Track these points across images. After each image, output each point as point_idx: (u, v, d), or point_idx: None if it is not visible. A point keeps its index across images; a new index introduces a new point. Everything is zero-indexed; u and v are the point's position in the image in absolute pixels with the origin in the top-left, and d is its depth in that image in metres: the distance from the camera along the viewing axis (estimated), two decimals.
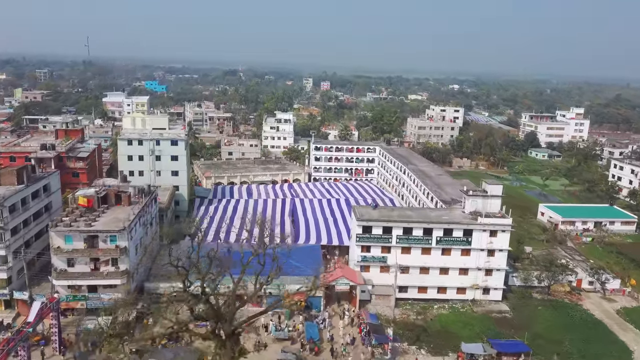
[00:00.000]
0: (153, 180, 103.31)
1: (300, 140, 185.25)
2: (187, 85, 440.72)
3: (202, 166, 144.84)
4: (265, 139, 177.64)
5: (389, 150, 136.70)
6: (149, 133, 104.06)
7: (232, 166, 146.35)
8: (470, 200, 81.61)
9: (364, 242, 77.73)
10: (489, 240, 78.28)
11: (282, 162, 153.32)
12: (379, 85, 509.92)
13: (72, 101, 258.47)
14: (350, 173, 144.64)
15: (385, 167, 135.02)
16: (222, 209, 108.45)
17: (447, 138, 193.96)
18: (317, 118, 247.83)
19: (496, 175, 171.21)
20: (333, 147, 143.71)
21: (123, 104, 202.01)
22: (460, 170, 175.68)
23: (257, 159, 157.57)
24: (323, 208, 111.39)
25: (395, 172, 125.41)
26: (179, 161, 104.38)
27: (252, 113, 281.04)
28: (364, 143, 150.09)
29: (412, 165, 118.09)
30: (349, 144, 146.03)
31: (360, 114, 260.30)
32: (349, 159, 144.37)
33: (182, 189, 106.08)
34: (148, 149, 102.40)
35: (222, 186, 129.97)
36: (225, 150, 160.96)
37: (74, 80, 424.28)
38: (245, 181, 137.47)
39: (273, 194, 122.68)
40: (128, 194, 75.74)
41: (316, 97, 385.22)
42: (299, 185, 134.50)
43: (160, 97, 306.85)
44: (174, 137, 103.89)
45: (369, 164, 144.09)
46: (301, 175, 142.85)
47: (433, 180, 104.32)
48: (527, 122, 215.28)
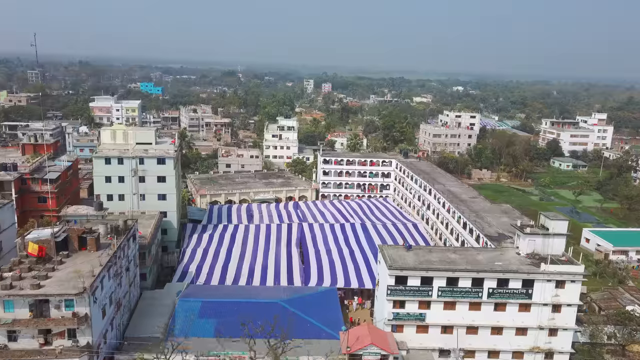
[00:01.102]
0: (136, 205, 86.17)
1: (305, 150, 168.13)
2: (184, 87, 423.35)
3: (197, 181, 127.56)
4: (266, 148, 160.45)
5: (408, 164, 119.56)
6: (131, 149, 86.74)
7: (230, 181, 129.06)
8: (527, 240, 64.64)
9: (397, 295, 60.57)
10: (554, 293, 61.19)
11: (286, 176, 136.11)
12: (381, 87, 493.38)
13: (60, 105, 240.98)
14: (363, 189, 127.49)
15: (404, 183, 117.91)
16: (218, 238, 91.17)
17: (464, 147, 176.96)
18: (321, 123, 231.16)
19: (521, 189, 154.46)
20: (344, 160, 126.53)
21: (112, 109, 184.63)
22: (481, 183, 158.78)
23: (258, 171, 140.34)
24: (336, 236, 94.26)
25: (417, 190, 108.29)
26: (167, 183, 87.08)
27: (252, 117, 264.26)
28: (377, 155, 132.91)
29: (439, 184, 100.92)
30: (362, 157, 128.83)
31: (367, 119, 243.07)
32: (362, 174, 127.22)
33: (171, 215, 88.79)
34: (130, 168, 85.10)
35: (219, 206, 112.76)
36: (222, 162, 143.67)
37: (67, 81, 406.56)
38: (245, 199, 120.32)
39: (277, 217, 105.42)
40: (95, 235, 58.38)
41: (318, 100, 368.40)
42: (306, 204, 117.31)
43: (155, 100, 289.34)
44: (161, 155, 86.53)
45: (384, 179, 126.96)
46: (308, 192, 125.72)
47: (468, 206, 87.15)
48: (548, 128, 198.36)
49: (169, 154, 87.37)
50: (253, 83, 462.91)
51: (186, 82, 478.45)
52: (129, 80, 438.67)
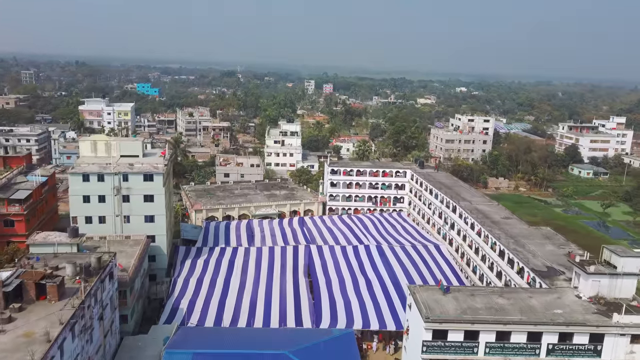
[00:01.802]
0: (119, 228, 74.05)
1: (310, 157, 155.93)
2: (182, 88, 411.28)
3: (192, 193, 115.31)
4: (268, 155, 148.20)
5: (425, 176, 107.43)
6: (114, 164, 74.51)
7: (229, 193, 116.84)
8: (590, 281, 52.57)
9: (435, 352, 48.49)
10: (628, 349, 49.18)
11: (290, 187, 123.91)
12: (383, 88, 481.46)
13: (51, 107, 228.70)
14: (374, 202, 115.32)
15: (421, 197, 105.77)
16: (214, 265, 78.92)
17: (479, 153, 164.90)
18: (325, 126, 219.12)
19: (542, 200, 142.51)
20: (353, 171, 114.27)
21: (103, 113, 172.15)
22: (498, 192, 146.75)
23: (259, 182, 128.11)
24: (349, 261, 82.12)
25: (438, 206, 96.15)
26: (155, 202, 74.82)
27: (252, 119, 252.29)
28: (390, 165, 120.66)
29: (465, 201, 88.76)
30: (373, 167, 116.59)
31: (372, 122, 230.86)
32: (373, 185, 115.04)
33: (160, 240, 76.49)
34: (112, 186, 72.86)
35: (216, 223, 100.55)
36: (220, 172, 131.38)
37: (63, 82, 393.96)
38: (245, 214, 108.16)
39: (281, 236, 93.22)
40: (58, 282, 46.10)
41: (320, 101, 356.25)
42: (312, 220, 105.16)
43: (151, 101, 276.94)
44: (148, 170, 74.27)
45: (397, 192, 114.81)
46: (314, 205, 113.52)
47: (503, 230, 75.01)
48: (565, 133, 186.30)
49: (158, 168, 75.10)
50: (253, 84, 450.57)
51: (185, 83, 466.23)
52: (126, 81, 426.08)
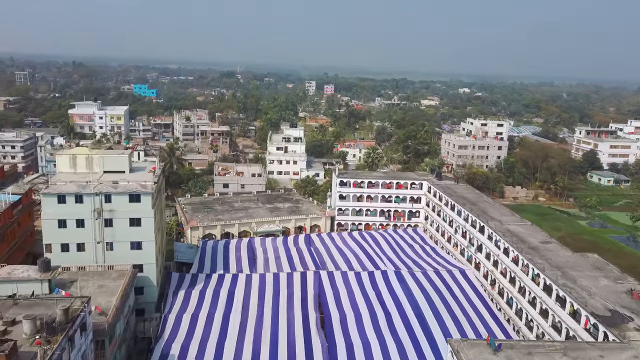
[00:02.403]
0: (101, 257, 63.60)
1: (314, 164, 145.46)
2: (180, 89, 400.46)
3: (188, 207, 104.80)
4: (270, 163, 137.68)
5: (445, 189, 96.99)
6: (95, 182, 63.99)
7: (228, 206, 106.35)
8: None
9: None
10: None
11: (294, 199, 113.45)
12: (385, 89, 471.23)
13: (42, 110, 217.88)
14: (387, 217, 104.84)
15: (441, 212, 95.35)
16: (212, 297, 68.35)
17: (493, 160, 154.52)
18: (328, 129, 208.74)
19: (564, 212, 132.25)
20: (364, 183, 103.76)
21: (94, 117, 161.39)
22: (517, 203, 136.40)
23: (261, 193, 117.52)
24: (365, 291, 71.66)
25: (462, 225, 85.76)
26: (143, 227, 64.34)
27: (252, 122, 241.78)
28: (405, 176, 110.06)
29: (495, 221, 78.31)
30: (386, 177, 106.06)
31: (377, 125, 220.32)
32: (386, 198, 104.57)
33: (149, 269, 66.02)
34: (92, 208, 62.39)
35: (214, 242, 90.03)
36: (219, 182, 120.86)
37: (59, 82, 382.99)
38: (246, 231, 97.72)
39: (286, 259, 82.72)
40: (7, 350, 35.58)
41: (321, 103, 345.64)
42: (320, 237, 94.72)
43: (148, 103, 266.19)
44: (134, 189, 63.76)
45: (413, 205, 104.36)
46: (321, 220, 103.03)
47: (544, 257, 64.60)
48: (583, 138, 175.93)
49: (146, 187, 64.56)
50: (252, 84, 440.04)
51: (183, 84, 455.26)
52: (123, 82, 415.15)
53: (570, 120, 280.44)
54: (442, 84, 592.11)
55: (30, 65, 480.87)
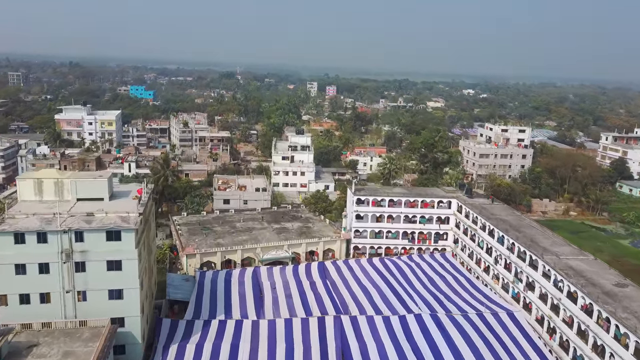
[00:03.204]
0: (70, 310, 50.11)
1: (323, 175, 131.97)
2: (179, 90, 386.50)
3: (184, 227, 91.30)
4: (275, 174, 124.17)
5: (479, 209, 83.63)
6: (65, 213, 50.58)
7: (229, 227, 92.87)
8: None
9: None
10: None
11: (304, 217, 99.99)
12: (388, 90, 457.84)
13: (31, 113, 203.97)
14: (410, 240, 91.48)
15: (475, 237, 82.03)
16: (210, 354, 54.87)
17: (517, 169, 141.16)
18: (335, 134, 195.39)
19: (600, 228, 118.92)
20: (385, 200, 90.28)
21: (83, 122, 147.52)
22: (546, 218, 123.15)
23: (266, 210, 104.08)
24: (397, 341, 58.43)
25: (505, 255, 72.43)
26: (125, 271, 50.88)
27: (254, 125, 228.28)
28: (430, 192, 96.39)
29: (550, 254, 64.92)
30: (409, 195, 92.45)
31: (386, 130, 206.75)
32: (410, 219, 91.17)
33: (132, 323, 52.49)
34: (59, 249, 48.94)
35: (213, 274, 76.49)
36: (219, 198, 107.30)
37: (53, 83, 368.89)
38: (251, 257, 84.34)
39: (298, 296, 69.28)
40: None
41: (324, 105, 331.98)
42: (336, 266, 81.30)
43: (144, 106, 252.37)
44: (114, 224, 50.25)
45: (440, 226, 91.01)
46: (336, 244, 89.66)
47: (631, 310, 51.13)
48: (610, 144, 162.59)
49: (129, 221, 51.08)
50: (253, 85, 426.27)
51: (182, 85, 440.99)
52: (120, 83, 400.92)
53: (584, 124, 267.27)
54: (445, 84, 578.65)
55: (26, 66, 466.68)
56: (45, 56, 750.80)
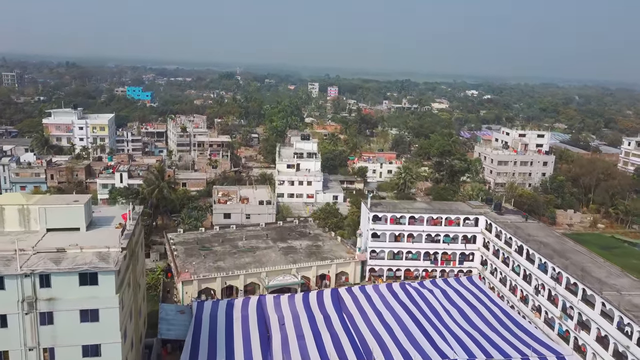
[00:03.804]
0: None
1: (331, 184, 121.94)
2: (178, 91, 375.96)
3: (180, 247, 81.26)
4: (280, 183, 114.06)
5: (512, 228, 73.68)
6: (30, 250, 40.54)
7: (230, 246, 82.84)
8: None
9: None
10: None
11: (312, 233, 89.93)
12: (390, 91, 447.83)
13: (22, 116, 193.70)
14: (433, 261, 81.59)
15: (509, 260, 72.16)
16: None
17: (538, 177, 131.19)
18: (339, 137, 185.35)
19: (633, 242, 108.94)
20: (405, 217, 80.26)
21: (74, 127, 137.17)
22: (572, 231, 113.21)
23: (271, 225, 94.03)
24: None
25: (549, 285, 62.51)
26: (103, 321, 40.78)
27: (255, 128, 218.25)
28: (454, 208, 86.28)
29: (609, 289, 54.89)
30: (432, 211, 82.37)
31: (394, 134, 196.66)
32: (432, 238, 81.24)
33: None
34: (19, 297, 38.86)
35: (213, 304, 66.37)
36: (219, 212, 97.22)
37: (49, 84, 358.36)
38: (255, 283, 74.37)
39: (312, 339, 58.81)
40: None
41: (327, 106, 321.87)
42: (353, 296, 71.11)
43: (141, 108, 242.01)
44: (87, 267, 40.10)
45: (466, 246, 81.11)
46: (350, 266, 79.72)
47: None
48: (633, 150, 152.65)
49: (108, 259, 41.00)
50: (253, 86, 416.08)
51: (181, 86, 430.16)
52: (118, 84, 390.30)
53: (596, 126, 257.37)
54: (447, 85, 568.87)
55: (22, 66, 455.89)
56: (44, 56, 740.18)
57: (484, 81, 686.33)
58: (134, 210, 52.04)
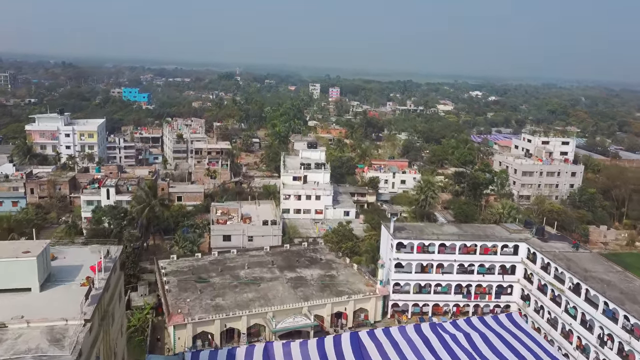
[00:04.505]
0: None
1: (341, 197, 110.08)
2: (176, 92, 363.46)
3: (172, 278, 69.57)
4: (285, 198, 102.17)
5: (561, 260, 62.04)
6: None
7: (230, 276, 71.19)
8: None
9: None
10: None
11: (324, 259, 78.26)
12: (392, 91, 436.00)
13: (9, 120, 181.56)
14: (465, 295, 70.04)
15: (559, 297, 60.63)
16: None
17: (565, 189, 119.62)
18: (345, 142, 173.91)
19: None
20: (434, 245, 68.56)
21: (60, 134, 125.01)
22: (608, 250, 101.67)
23: (277, 248, 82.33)
24: None
25: (620, 338, 50.87)
26: None
27: (256, 132, 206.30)
28: (489, 233, 74.50)
29: None
30: (465, 237, 70.56)
31: (403, 139, 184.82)
32: (465, 268, 69.67)
33: None
34: None
35: (210, 354, 54.73)
36: (217, 233, 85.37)
37: (44, 85, 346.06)
38: (260, 325, 62.69)
39: None
40: None
41: (330, 108, 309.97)
42: (376, 342, 59.34)
43: (136, 110, 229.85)
44: (31, 357, 28.19)
45: (504, 277, 69.52)
46: (369, 303, 68.11)
47: None
48: None
49: (60, 343, 29.12)
50: (253, 87, 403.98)
51: (179, 86, 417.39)
52: (115, 84, 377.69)
53: (610, 130, 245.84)
54: (449, 86, 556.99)
55: (17, 66, 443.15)
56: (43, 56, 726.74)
57: (485, 81, 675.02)
58: (108, 256, 40.25)
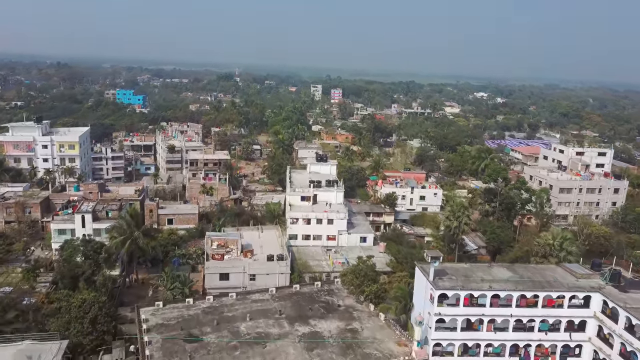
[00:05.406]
0: None
1: (355, 218, 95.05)
2: (173, 93, 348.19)
3: (155, 336, 54.78)
4: (292, 222, 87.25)
5: None
6: None
7: (229, 332, 56.51)
8: None
9: None
10: None
11: (343, 305, 63.63)
12: (395, 93, 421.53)
13: None
14: (523, 357, 55.31)
15: None
16: None
17: (607, 208, 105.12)
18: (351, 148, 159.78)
19: None
20: (486, 297, 53.87)
21: (36, 145, 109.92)
22: None
23: (284, 289, 67.59)
24: None
25: None
26: None
27: (257, 137, 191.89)
28: (549, 279, 59.75)
29: None
30: (522, 286, 55.69)
31: (416, 147, 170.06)
32: (524, 324, 54.96)
33: None
34: None
35: None
36: (214, 271, 70.42)
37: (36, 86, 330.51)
38: None
39: None
40: None
41: (332, 111, 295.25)
42: None
43: (130, 114, 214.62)
44: None
45: (571, 335, 54.89)
46: None
47: None
48: None
49: None
50: (253, 89, 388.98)
51: (176, 88, 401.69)
52: (110, 86, 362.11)
53: (630, 135, 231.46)
54: (452, 87, 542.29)
55: (10, 67, 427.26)
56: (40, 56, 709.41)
57: (487, 82, 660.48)
58: None
